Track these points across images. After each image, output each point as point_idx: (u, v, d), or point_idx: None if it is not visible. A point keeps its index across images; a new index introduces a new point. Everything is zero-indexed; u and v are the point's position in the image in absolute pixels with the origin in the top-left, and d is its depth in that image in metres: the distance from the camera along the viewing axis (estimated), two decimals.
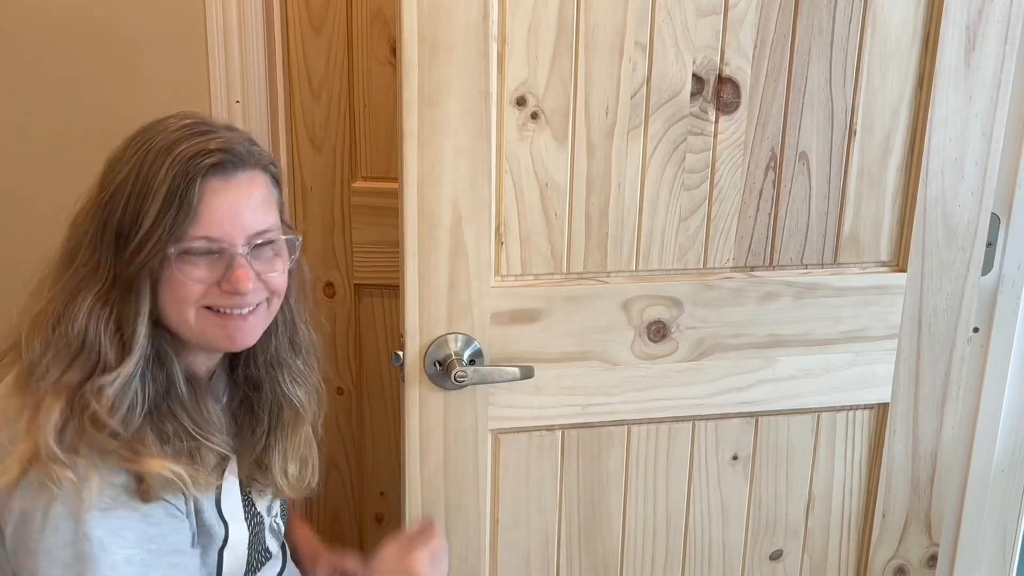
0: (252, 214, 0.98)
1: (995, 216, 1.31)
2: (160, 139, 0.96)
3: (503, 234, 1.13)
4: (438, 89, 1.05)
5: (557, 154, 1.11)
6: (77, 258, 0.97)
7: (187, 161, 0.93)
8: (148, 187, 0.93)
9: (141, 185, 0.94)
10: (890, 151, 1.21)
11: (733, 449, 1.27)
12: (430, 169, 1.07)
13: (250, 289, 0.97)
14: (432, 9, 1.02)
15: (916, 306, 1.26)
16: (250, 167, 0.98)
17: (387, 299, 1.61)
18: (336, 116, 1.53)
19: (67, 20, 1.41)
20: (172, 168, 0.93)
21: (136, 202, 0.94)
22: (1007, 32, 1.18)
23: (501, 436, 1.19)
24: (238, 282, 0.96)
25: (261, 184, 0.99)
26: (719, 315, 1.20)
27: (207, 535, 1.02)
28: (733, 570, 1.32)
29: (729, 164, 1.16)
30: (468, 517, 1.20)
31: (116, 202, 0.95)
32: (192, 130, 0.97)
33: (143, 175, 0.94)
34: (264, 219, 0.99)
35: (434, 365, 1.13)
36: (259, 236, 0.98)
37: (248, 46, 1.40)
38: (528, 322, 1.15)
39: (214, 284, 0.97)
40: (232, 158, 0.96)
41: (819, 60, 1.15)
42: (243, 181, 0.97)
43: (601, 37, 1.09)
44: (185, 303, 0.97)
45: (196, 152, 0.94)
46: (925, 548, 1.37)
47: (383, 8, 1.48)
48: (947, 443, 1.33)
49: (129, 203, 0.94)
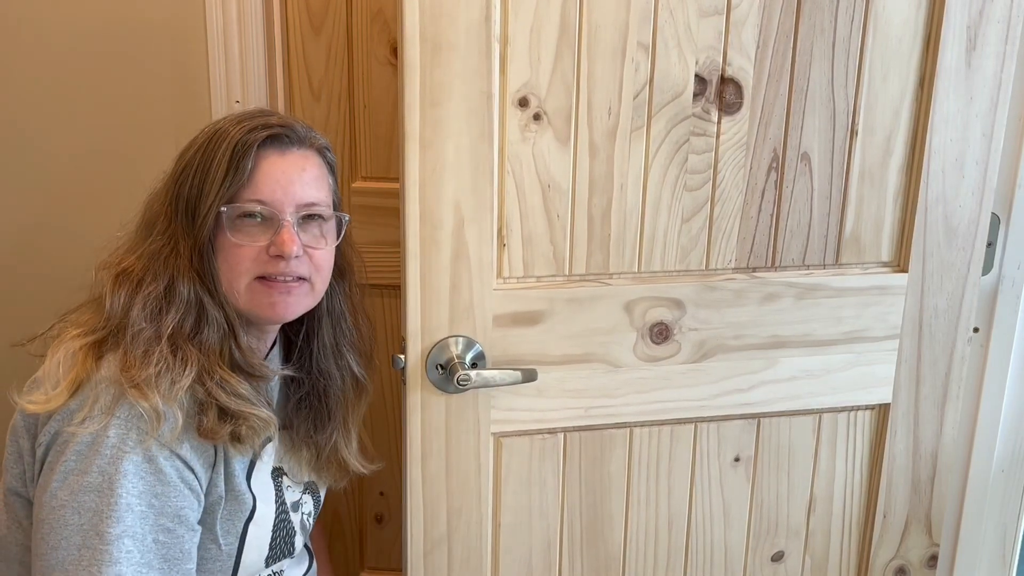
0: (303, 187, 1.05)
1: (995, 216, 1.31)
2: (226, 121, 1.07)
3: (505, 236, 1.12)
4: (440, 90, 1.05)
5: (559, 155, 1.11)
6: (155, 228, 1.06)
7: (248, 133, 1.03)
8: (211, 158, 1.03)
9: (206, 158, 1.03)
10: (891, 151, 1.21)
11: (735, 451, 1.27)
12: (432, 171, 1.07)
13: (295, 252, 1.03)
14: (434, 10, 1.02)
15: (917, 306, 1.26)
16: (306, 146, 1.08)
17: (387, 299, 1.61)
18: (336, 116, 1.52)
19: (67, 20, 1.40)
20: (233, 140, 1.03)
21: (201, 173, 1.04)
22: (1008, 32, 1.18)
23: (503, 439, 1.19)
24: (283, 244, 1.03)
25: (315, 163, 1.08)
26: (721, 316, 1.20)
27: (235, 501, 1.05)
28: (735, 572, 1.32)
29: (731, 165, 1.16)
30: (470, 520, 1.20)
31: (185, 176, 1.05)
32: (256, 113, 1.08)
33: (209, 150, 1.04)
34: (314, 194, 1.07)
35: (436, 369, 1.13)
36: (307, 208, 1.06)
37: (248, 46, 1.40)
38: (530, 324, 1.15)
39: (263, 251, 1.03)
40: (289, 133, 1.06)
41: (821, 61, 1.15)
42: (297, 156, 1.06)
43: (603, 38, 1.08)
44: (237, 271, 1.04)
45: (256, 126, 1.04)
46: (925, 548, 1.38)
47: (383, 8, 1.48)
48: (947, 443, 1.33)
49: (196, 175, 1.04)
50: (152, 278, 1.02)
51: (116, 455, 0.94)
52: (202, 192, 1.03)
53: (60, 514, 0.94)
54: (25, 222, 1.49)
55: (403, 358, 1.13)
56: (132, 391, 0.95)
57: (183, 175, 1.05)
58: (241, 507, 1.04)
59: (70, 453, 0.94)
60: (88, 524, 0.93)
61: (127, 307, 1.00)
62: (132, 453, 0.95)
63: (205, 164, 1.03)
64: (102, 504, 0.93)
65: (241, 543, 1.05)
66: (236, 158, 1.02)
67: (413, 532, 1.19)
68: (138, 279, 1.02)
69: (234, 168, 1.02)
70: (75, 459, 0.94)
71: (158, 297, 1.01)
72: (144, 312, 1.00)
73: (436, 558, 1.20)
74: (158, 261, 1.03)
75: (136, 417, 0.95)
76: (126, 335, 0.99)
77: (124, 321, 1.00)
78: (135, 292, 1.01)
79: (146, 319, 1.00)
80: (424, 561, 1.20)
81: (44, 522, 0.95)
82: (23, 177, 1.48)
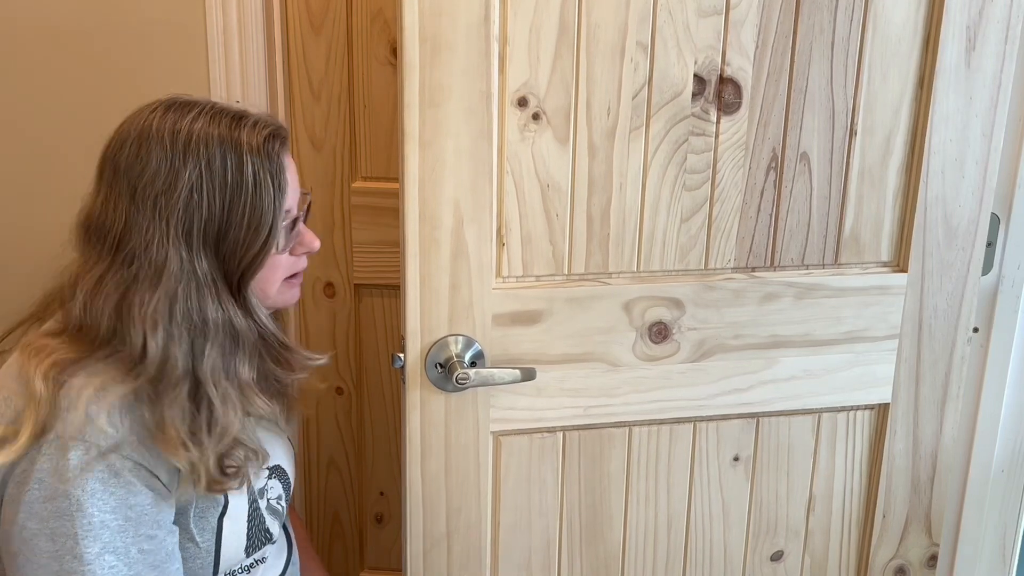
0: (298, 180, 1.07)
1: (995, 216, 1.31)
2: (203, 131, 0.97)
3: (504, 235, 1.12)
4: (439, 90, 1.05)
5: (558, 155, 1.11)
6: (139, 252, 0.96)
7: (264, 143, 0.98)
8: (233, 181, 0.97)
9: (220, 181, 0.96)
10: (891, 151, 1.21)
11: (734, 450, 1.27)
12: (431, 170, 1.07)
13: (319, 245, 1.08)
14: (433, 9, 1.02)
15: (916, 306, 1.26)
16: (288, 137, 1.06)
17: (387, 299, 1.61)
18: (336, 116, 1.52)
19: (67, 20, 1.41)
20: (254, 156, 0.98)
21: (221, 196, 0.96)
22: (1007, 32, 1.18)
23: (502, 438, 1.19)
24: (312, 242, 1.07)
25: None
26: (720, 316, 1.20)
27: (206, 499, 1.03)
28: (734, 571, 1.32)
29: (730, 165, 1.16)
30: (469, 519, 1.20)
31: (195, 202, 0.96)
32: (229, 113, 1.00)
33: (218, 170, 0.96)
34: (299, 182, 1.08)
35: (435, 367, 1.13)
36: (305, 197, 1.07)
37: (248, 46, 1.40)
38: (529, 324, 1.15)
39: (287, 252, 1.04)
40: (285, 132, 1.03)
41: (820, 60, 1.15)
42: (289, 153, 1.05)
43: (602, 37, 1.08)
44: (271, 280, 1.04)
45: (267, 136, 0.99)
46: (925, 548, 1.37)
47: (383, 8, 1.48)
48: (947, 443, 1.33)
49: (214, 201, 0.96)
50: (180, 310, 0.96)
51: (80, 476, 0.91)
52: (235, 219, 0.97)
53: (33, 544, 0.91)
54: (26, 222, 1.49)
55: (402, 357, 1.13)
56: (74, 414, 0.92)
57: (190, 200, 0.96)
58: (212, 503, 1.03)
59: (32, 483, 0.91)
60: (64, 549, 0.91)
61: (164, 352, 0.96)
62: (95, 471, 0.92)
63: (224, 187, 0.96)
64: (75, 527, 0.91)
65: (218, 538, 1.04)
66: (276, 172, 0.98)
67: (412, 531, 1.19)
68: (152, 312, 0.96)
69: (277, 187, 0.98)
70: (38, 488, 0.91)
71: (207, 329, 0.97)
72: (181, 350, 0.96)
73: (435, 557, 1.21)
74: (190, 293, 0.97)
75: (93, 434, 0.93)
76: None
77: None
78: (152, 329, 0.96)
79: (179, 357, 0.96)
80: (424, 560, 1.20)
81: (17, 555, 0.92)
82: (23, 177, 1.49)
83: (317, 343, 1.62)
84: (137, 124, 0.99)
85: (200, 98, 1.03)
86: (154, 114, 0.99)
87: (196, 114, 0.98)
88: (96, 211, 0.99)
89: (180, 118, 0.98)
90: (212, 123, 0.98)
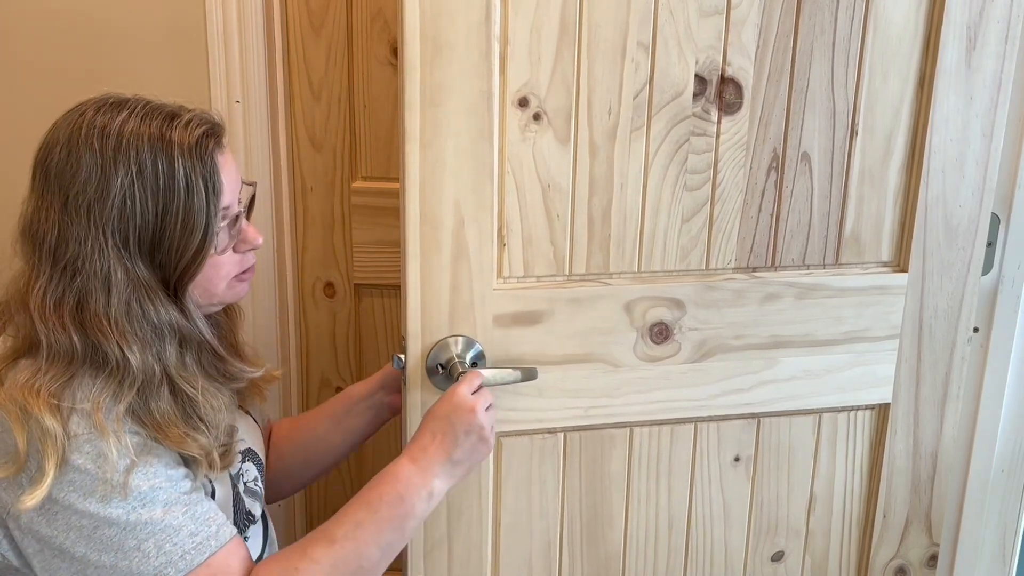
0: (238, 173, 1.04)
1: (995, 216, 1.31)
2: (133, 134, 0.95)
3: (505, 236, 1.12)
4: (440, 90, 1.05)
5: (559, 155, 1.11)
6: (81, 263, 0.94)
7: (196, 144, 0.96)
8: (165, 186, 0.94)
9: (152, 187, 0.94)
10: (891, 151, 1.21)
11: (735, 450, 1.27)
12: (432, 171, 1.07)
13: (261, 240, 1.06)
14: (434, 9, 1.02)
15: (917, 306, 1.26)
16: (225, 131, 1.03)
17: (387, 299, 1.61)
18: (336, 116, 1.52)
19: (67, 20, 1.40)
20: (185, 158, 0.95)
21: (154, 201, 0.94)
22: (1008, 32, 1.18)
23: (503, 439, 1.19)
24: (256, 238, 1.05)
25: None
26: (721, 316, 1.20)
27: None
28: (735, 571, 1.32)
29: (731, 165, 1.16)
30: (470, 520, 1.20)
31: (128, 209, 0.94)
32: (161, 113, 0.97)
33: (149, 176, 0.94)
34: (240, 174, 1.05)
35: (436, 368, 1.13)
36: (247, 189, 1.05)
37: (248, 46, 1.40)
38: (530, 324, 1.15)
39: (231, 250, 1.03)
40: (220, 129, 1.01)
41: (821, 60, 1.15)
42: (227, 147, 1.02)
43: (603, 37, 1.08)
44: (217, 279, 1.02)
45: (200, 135, 0.97)
46: (925, 548, 1.38)
47: (383, 8, 1.48)
48: (947, 443, 1.33)
49: (147, 207, 0.94)
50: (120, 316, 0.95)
51: (129, 463, 0.92)
52: (168, 222, 0.95)
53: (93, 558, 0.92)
54: None
55: (403, 358, 1.13)
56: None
57: (118, 206, 0.93)
58: (203, 491, 1.04)
59: (70, 515, 0.91)
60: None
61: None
62: (133, 476, 0.93)
63: (156, 191, 0.94)
64: (130, 511, 0.92)
65: None
66: (209, 175, 0.96)
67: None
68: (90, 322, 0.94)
69: (211, 190, 0.96)
70: (76, 517, 0.91)
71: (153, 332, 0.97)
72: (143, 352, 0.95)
73: (436, 558, 1.20)
74: (137, 298, 0.96)
75: (110, 465, 0.92)
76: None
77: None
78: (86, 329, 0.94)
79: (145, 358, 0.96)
80: (424, 561, 1.20)
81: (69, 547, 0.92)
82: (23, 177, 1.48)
83: (317, 343, 1.62)
84: (67, 127, 0.97)
85: (132, 96, 1.00)
86: (83, 116, 0.96)
87: (127, 115, 0.96)
88: (30, 219, 0.98)
89: (111, 120, 0.95)
90: (143, 124, 0.95)
